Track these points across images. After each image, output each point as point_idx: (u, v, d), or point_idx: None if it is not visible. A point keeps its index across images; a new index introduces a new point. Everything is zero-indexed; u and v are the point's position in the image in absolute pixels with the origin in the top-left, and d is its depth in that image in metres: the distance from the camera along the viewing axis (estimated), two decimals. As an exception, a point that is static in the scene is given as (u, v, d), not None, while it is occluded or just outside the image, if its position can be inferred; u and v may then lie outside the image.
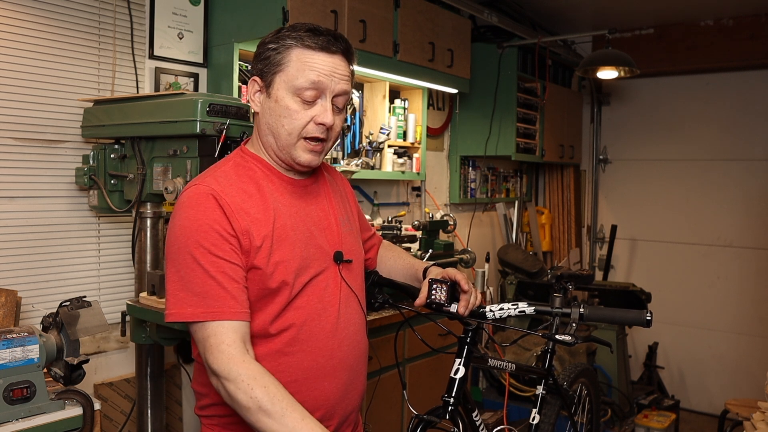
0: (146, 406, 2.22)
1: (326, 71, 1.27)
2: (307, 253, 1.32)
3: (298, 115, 1.27)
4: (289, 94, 1.27)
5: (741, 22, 4.32)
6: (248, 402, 1.15)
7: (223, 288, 1.20)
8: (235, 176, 1.31)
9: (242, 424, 1.31)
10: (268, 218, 1.29)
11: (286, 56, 1.27)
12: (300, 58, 1.26)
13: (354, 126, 3.30)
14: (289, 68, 1.27)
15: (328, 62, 1.27)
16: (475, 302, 1.57)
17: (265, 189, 1.32)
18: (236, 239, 1.23)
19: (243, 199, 1.28)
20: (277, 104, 1.28)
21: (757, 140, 4.54)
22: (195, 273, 1.20)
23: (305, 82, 1.26)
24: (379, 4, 2.89)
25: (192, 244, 1.21)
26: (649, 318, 1.56)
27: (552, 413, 2.13)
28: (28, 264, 2.22)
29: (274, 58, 1.28)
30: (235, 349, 1.18)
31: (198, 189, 1.26)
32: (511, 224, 4.73)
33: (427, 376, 3.03)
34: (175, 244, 1.23)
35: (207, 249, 1.20)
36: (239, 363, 1.17)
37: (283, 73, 1.27)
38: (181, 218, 1.24)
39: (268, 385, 1.16)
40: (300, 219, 1.34)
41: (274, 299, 1.28)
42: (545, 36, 4.20)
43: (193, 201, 1.25)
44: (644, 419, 3.76)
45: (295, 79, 1.26)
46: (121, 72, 2.43)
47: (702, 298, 4.75)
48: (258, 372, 1.17)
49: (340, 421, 1.38)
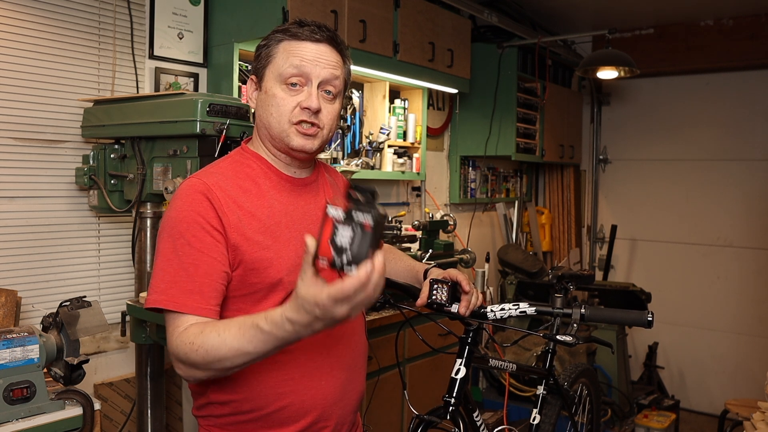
0: (146, 406, 2.22)
1: (310, 57, 1.29)
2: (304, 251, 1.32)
3: (284, 102, 1.30)
4: (277, 84, 1.30)
5: (741, 22, 4.32)
6: (203, 357, 1.13)
7: (192, 281, 1.20)
8: (232, 172, 1.32)
9: (238, 424, 1.31)
10: (263, 214, 1.29)
11: (274, 49, 1.32)
12: (286, 48, 1.30)
13: (354, 126, 3.30)
14: (277, 59, 1.31)
15: (312, 49, 1.30)
16: (476, 303, 1.57)
17: (262, 186, 1.33)
18: (221, 234, 1.24)
19: (238, 193, 1.28)
20: (267, 95, 1.32)
21: (757, 140, 4.54)
22: (170, 263, 1.22)
23: (290, 68, 1.29)
24: (379, 4, 2.89)
25: (175, 234, 1.23)
26: (650, 319, 1.56)
27: (552, 413, 2.13)
28: (28, 264, 2.21)
29: (264, 52, 1.33)
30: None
31: (190, 182, 1.28)
32: (511, 224, 4.73)
33: (427, 376, 3.03)
34: (161, 233, 1.26)
35: (187, 240, 1.22)
36: (182, 334, 1.17)
37: (272, 65, 1.31)
38: (170, 209, 1.27)
39: (204, 330, 1.14)
40: (297, 217, 1.35)
41: (268, 296, 1.28)
42: (545, 36, 4.20)
43: (183, 193, 1.27)
44: (644, 419, 3.77)
45: (280, 68, 1.29)
46: (121, 72, 2.43)
47: (702, 298, 4.75)
48: (195, 330, 1.16)
49: (339, 422, 1.38)
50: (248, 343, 1.09)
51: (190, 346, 1.14)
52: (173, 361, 1.21)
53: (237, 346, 1.10)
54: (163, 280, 1.22)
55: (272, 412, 1.29)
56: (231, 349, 1.10)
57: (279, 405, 1.29)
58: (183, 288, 1.20)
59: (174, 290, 1.20)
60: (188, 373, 1.18)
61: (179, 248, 1.22)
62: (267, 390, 1.29)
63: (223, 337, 1.11)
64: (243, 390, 1.29)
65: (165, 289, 1.21)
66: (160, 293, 1.21)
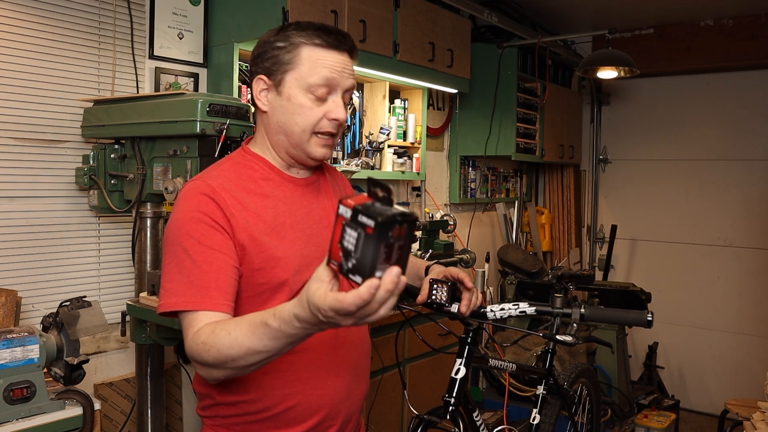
0: (146, 406, 2.22)
1: (338, 68, 1.29)
2: (308, 251, 1.32)
3: (311, 112, 1.28)
4: (302, 92, 1.28)
5: (741, 22, 4.32)
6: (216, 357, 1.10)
7: (209, 278, 1.19)
8: (234, 174, 1.32)
9: (245, 424, 1.31)
10: (268, 215, 1.29)
11: (297, 54, 1.28)
12: (311, 56, 1.28)
13: (354, 126, 3.30)
14: (301, 66, 1.28)
15: (338, 60, 1.29)
16: (476, 302, 1.57)
17: (264, 187, 1.33)
18: (228, 233, 1.23)
19: (242, 194, 1.28)
20: (290, 102, 1.29)
21: (757, 140, 4.54)
22: (183, 264, 1.20)
23: (319, 79, 1.27)
24: (379, 4, 2.89)
25: (183, 235, 1.22)
26: (650, 318, 1.56)
27: (552, 413, 2.13)
28: (28, 264, 2.21)
29: (284, 56, 1.29)
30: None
31: (194, 184, 1.28)
32: (511, 224, 4.73)
33: (427, 376, 3.03)
34: (168, 238, 1.25)
35: (197, 239, 1.21)
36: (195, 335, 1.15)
37: (295, 71, 1.28)
38: (175, 212, 1.26)
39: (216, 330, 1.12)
40: (300, 217, 1.35)
41: (273, 296, 1.27)
42: (545, 36, 4.20)
43: (188, 195, 1.26)
44: (644, 419, 3.76)
45: (308, 77, 1.27)
46: (121, 72, 2.43)
47: (702, 298, 4.75)
48: (207, 329, 1.13)
49: (345, 420, 1.38)
50: (258, 341, 1.06)
51: (203, 346, 1.12)
52: (193, 363, 1.18)
53: (248, 345, 1.07)
54: (174, 281, 1.20)
55: (280, 413, 1.29)
56: (242, 347, 1.07)
57: (287, 405, 1.29)
58: (196, 286, 1.18)
59: (186, 290, 1.18)
60: (207, 373, 1.16)
61: (190, 248, 1.20)
62: (275, 390, 1.29)
63: (234, 335, 1.08)
64: (251, 391, 1.29)
65: (178, 291, 1.19)
66: (172, 296, 1.19)
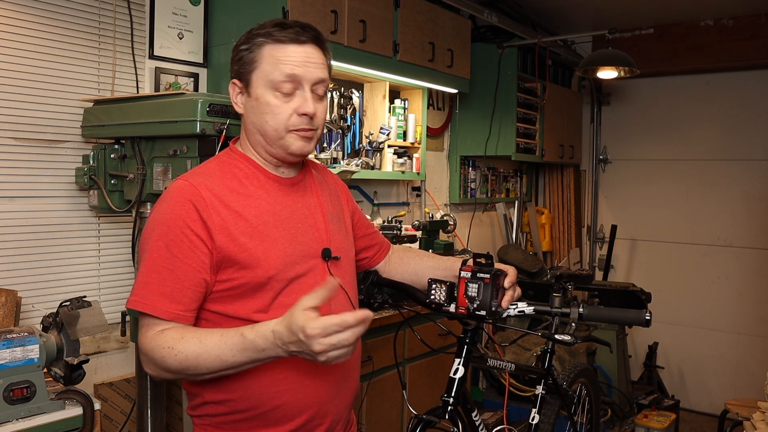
0: (146, 406, 2.22)
1: (299, 62, 1.29)
2: (293, 249, 1.33)
3: (279, 110, 1.29)
4: (268, 90, 1.29)
5: (741, 22, 4.32)
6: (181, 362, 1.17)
7: (165, 285, 1.22)
8: (220, 173, 1.33)
9: (234, 422, 1.31)
10: (251, 214, 1.30)
11: (258, 54, 1.30)
12: (271, 53, 1.29)
13: (354, 126, 3.30)
14: (263, 65, 1.29)
15: (299, 52, 1.29)
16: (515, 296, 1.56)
17: (249, 186, 1.34)
18: (202, 241, 1.24)
19: (225, 193, 1.29)
20: (258, 102, 1.31)
21: (757, 140, 4.53)
22: (147, 264, 1.24)
23: (280, 75, 1.28)
24: (379, 4, 2.89)
25: (155, 236, 1.25)
26: (648, 318, 1.56)
27: (552, 413, 2.13)
28: (28, 264, 2.22)
29: (247, 57, 1.32)
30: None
31: (177, 184, 1.29)
32: (511, 224, 4.73)
33: (426, 376, 3.03)
34: (144, 235, 1.28)
35: (165, 244, 1.23)
36: (157, 336, 1.21)
37: (258, 70, 1.30)
38: (154, 212, 1.29)
39: (185, 336, 1.19)
40: (285, 216, 1.35)
41: (256, 295, 1.28)
42: (545, 36, 4.20)
43: (169, 197, 1.28)
44: (644, 419, 3.76)
45: (270, 74, 1.28)
46: (121, 72, 2.43)
47: (702, 298, 4.75)
48: (175, 335, 1.20)
49: (335, 419, 1.38)
50: (228, 350, 1.14)
51: (169, 351, 1.17)
52: (142, 359, 1.23)
53: (217, 353, 1.15)
54: (141, 282, 1.24)
55: (268, 411, 1.30)
56: (211, 356, 1.15)
57: (275, 404, 1.30)
58: (157, 291, 1.22)
59: (149, 293, 1.22)
60: (157, 373, 1.22)
61: (156, 251, 1.23)
62: (262, 389, 1.29)
63: (205, 344, 1.16)
64: (239, 389, 1.29)
65: (142, 292, 1.23)
66: (136, 294, 1.24)
